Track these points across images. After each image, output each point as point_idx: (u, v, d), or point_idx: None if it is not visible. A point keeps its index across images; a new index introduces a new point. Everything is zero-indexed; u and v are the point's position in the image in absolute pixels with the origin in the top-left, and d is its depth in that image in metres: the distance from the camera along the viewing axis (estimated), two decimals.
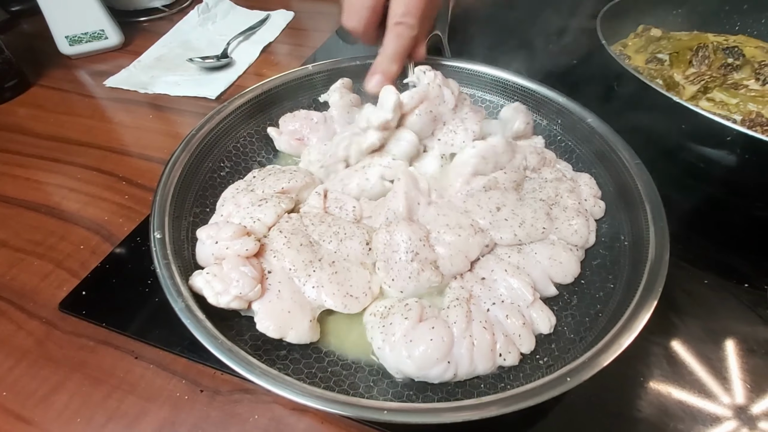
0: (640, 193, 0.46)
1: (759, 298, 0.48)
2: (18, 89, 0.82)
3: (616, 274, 0.44)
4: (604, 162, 0.53)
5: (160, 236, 0.42)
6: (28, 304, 0.49)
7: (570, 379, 0.32)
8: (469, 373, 0.37)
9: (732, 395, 0.41)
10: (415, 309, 0.39)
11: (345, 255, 0.43)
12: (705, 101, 0.69)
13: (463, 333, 0.37)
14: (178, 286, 0.38)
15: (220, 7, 1.05)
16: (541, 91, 0.60)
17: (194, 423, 0.40)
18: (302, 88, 0.64)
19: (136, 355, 0.45)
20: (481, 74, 0.64)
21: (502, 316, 0.40)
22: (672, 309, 0.48)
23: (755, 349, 0.44)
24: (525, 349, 0.39)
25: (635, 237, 0.45)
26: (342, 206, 0.49)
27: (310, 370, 0.38)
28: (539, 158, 0.54)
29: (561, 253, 0.44)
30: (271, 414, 0.40)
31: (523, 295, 0.41)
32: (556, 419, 0.40)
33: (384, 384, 0.38)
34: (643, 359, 0.44)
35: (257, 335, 0.39)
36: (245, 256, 0.40)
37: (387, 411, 0.31)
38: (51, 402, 0.41)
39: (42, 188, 0.64)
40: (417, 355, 0.36)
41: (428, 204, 0.48)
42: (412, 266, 0.41)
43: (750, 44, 0.79)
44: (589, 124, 0.55)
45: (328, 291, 0.40)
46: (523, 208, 0.47)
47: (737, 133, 0.50)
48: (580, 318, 0.42)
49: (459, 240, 0.43)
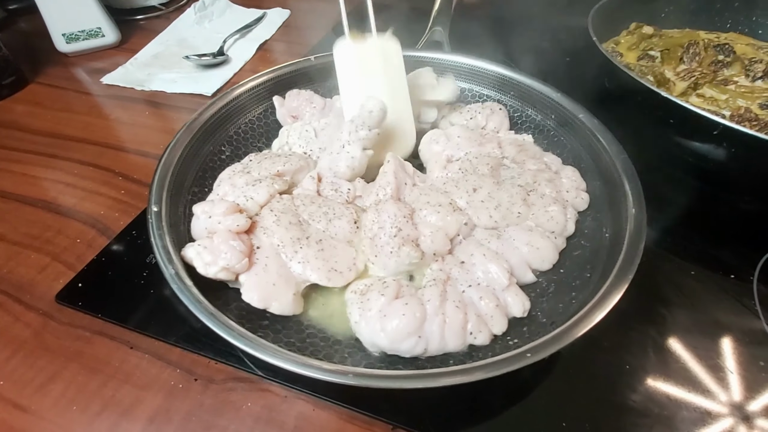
0: (624, 186, 0.47)
1: (744, 290, 0.49)
2: (15, 86, 0.82)
3: (595, 265, 0.44)
4: (592, 155, 0.54)
5: (157, 209, 0.44)
6: (26, 296, 0.50)
7: (530, 355, 0.34)
8: (440, 349, 0.38)
9: (717, 383, 0.42)
10: (392, 287, 0.40)
11: (333, 234, 0.46)
12: (695, 97, 0.70)
13: (436, 311, 0.38)
14: (170, 255, 0.41)
15: (216, 6, 1.06)
16: (535, 87, 0.61)
17: (188, 411, 0.41)
18: (309, 77, 0.66)
19: (132, 345, 0.45)
20: (478, 69, 0.66)
21: (476, 297, 0.41)
22: (659, 300, 0.49)
23: (740, 339, 0.45)
24: (497, 330, 0.40)
25: (616, 229, 0.46)
26: (337, 189, 0.51)
27: (289, 339, 0.40)
28: (518, 149, 0.55)
29: (539, 239, 0.45)
30: (264, 401, 0.41)
31: (498, 278, 0.42)
32: (543, 406, 0.41)
33: (358, 356, 0.40)
34: (629, 348, 0.44)
35: (242, 306, 0.41)
36: (236, 232, 0.42)
37: (353, 375, 0.33)
38: (48, 391, 0.42)
39: (39, 183, 0.64)
40: (389, 329, 0.37)
41: (413, 185, 0.51)
42: (394, 241, 0.43)
43: (741, 41, 0.80)
44: (580, 119, 0.56)
45: (313, 266, 0.42)
46: (499, 192, 0.49)
47: (724, 127, 0.51)
48: (554, 304, 0.43)
49: (438, 217, 0.46)
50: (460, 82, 0.65)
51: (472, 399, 0.41)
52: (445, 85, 0.61)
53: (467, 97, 0.67)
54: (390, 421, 0.39)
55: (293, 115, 0.61)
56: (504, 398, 0.41)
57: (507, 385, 0.42)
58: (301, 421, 0.40)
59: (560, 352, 0.43)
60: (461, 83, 0.66)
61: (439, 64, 0.66)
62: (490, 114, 0.60)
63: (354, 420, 0.40)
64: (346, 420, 0.40)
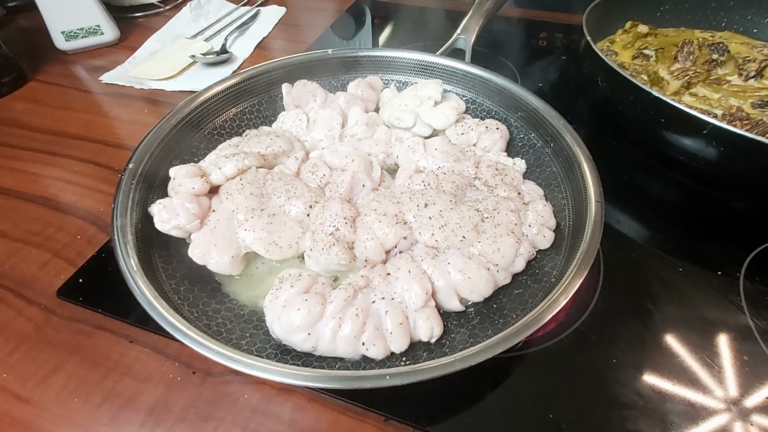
0: (586, 234, 0.43)
1: (731, 285, 0.50)
2: (15, 84, 0.83)
3: (529, 308, 0.40)
4: (575, 195, 0.49)
5: (132, 167, 0.49)
6: (27, 291, 0.51)
7: (389, 377, 0.33)
8: (330, 351, 0.39)
9: (702, 377, 0.43)
10: (304, 281, 0.41)
11: (287, 211, 0.48)
12: (688, 96, 0.71)
13: (333, 313, 0.39)
14: (130, 202, 0.46)
15: (212, 4, 1.06)
16: (540, 110, 0.57)
17: (186, 402, 0.42)
18: (322, 69, 0.68)
19: (131, 339, 0.46)
20: (488, 83, 0.63)
21: (382, 310, 0.40)
22: (646, 295, 0.50)
23: (726, 334, 0.46)
24: (395, 348, 0.39)
25: (561, 274, 0.41)
26: (314, 171, 0.53)
27: (205, 308, 0.43)
28: (494, 173, 0.52)
29: (474, 269, 0.43)
30: (260, 394, 0.42)
31: (412, 298, 0.41)
32: (531, 398, 0.42)
33: (258, 339, 0.41)
34: (617, 342, 0.46)
35: (185, 273, 0.45)
36: (195, 194, 0.47)
37: (217, 352, 0.35)
38: (49, 383, 0.43)
39: (39, 181, 0.65)
40: (283, 320, 0.39)
41: (373, 189, 0.52)
42: (328, 239, 0.44)
43: (735, 40, 0.81)
44: (574, 153, 0.51)
45: (257, 236, 0.45)
46: (451, 213, 0.47)
47: (713, 127, 0.52)
48: (467, 337, 0.41)
49: (378, 226, 0.45)
50: (470, 94, 0.65)
51: (463, 391, 0.42)
52: (443, 110, 0.59)
53: (475, 110, 0.65)
54: (383, 413, 0.41)
55: (296, 104, 0.63)
56: (494, 391, 0.42)
57: (500, 379, 0.43)
58: (296, 413, 0.41)
59: (549, 346, 0.45)
60: (471, 94, 0.65)
61: (452, 73, 0.65)
62: (484, 132, 0.57)
63: (347, 412, 0.41)
64: (340, 412, 0.41)
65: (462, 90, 0.66)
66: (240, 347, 0.39)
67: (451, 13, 1.05)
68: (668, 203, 0.62)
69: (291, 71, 0.66)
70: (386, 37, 1.01)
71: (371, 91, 0.65)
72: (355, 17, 1.07)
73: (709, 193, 0.62)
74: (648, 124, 0.61)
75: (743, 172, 0.57)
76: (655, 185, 0.65)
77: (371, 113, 0.63)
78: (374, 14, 1.08)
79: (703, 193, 0.62)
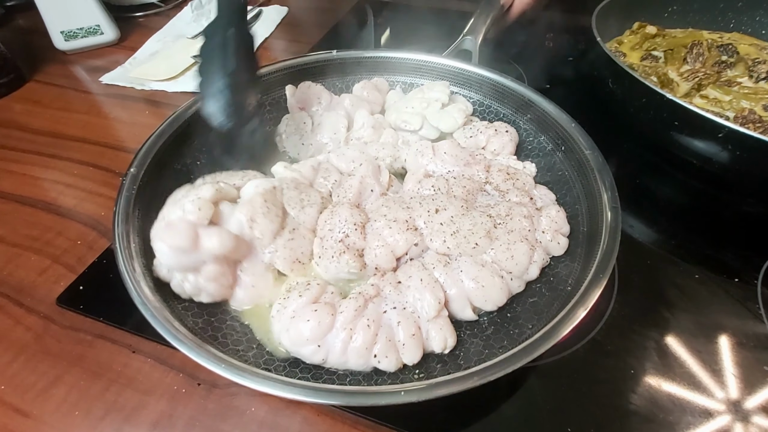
0: (603, 242, 0.42)
1: (749, 293, 0.49)
2: (14, 85, 0.82)
3: (544, 317, 0.39)
4: (589, 201, 0.48)
5: (134, 172, 0.47)
6: (26, 299, 0.50)
7: (404, 393, 0.32)
8: (341, 363, 0.38)
9: (721, 387, 0.42)
10: (313, 290, 0.40)
11: (302, 221, 0.46)
12: (699, 98, 0.70)
13: (344, 324, 0.37)
14: (132, 199, 0.45)
15: (213, 4, 1.04)
16: (550, 112, 0.55)
17: (192, 416, 0.40)
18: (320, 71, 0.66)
19: (134, 349, 0.45)
20: (497, 85, 0.62)
21: (394, 321, 0.39)
22: (663, 303, 0.48)
23: (744, 342, 0.45)
24: (407, 360, 0.38)
25: (577, 282, 0.40)
26: (326, 177, 0.51)
27: (210, 318, 0.41)
28: (506, 177, 0.51)
29: (488, 277, 0.41)
30: (268, 407, 0.41)
31: (425, 308, 0.39)
32: (548, 411, 0.41)
33: (265, 350, 0.40)
34: (634, 352, 0.44)
35: None
36: None
37: (224, 366, 0.33)
38: (49, 395, 0.42)
39: (39, 184, 0.64)
40: (292, 331, 0.38)
41: (382, 194, 0.50)
42: (338, 247, 0.43)
43: (744, 41, 0.80)
44: (586, 156, 0.49)
45: (280, 255, 0.43)
46: (463, 219, 0.45)
47: (729, 129, 0.51)
48: (482, 348, 0.40)
49: (389, 233, 0.44)
50: (477, 96, 0.64)
51: (477, 403, 0.41)
52: (451, 112, 0.58)
53: (482, 112, 0.63)
54: (395, 427, 0.39)
55: (301, 106, 0.62)
56: (507, 402, 0.41)
57: (513, 390, 0.42)
58: (305, 426, 0.40)
59: (564, 356, 0.44)
60: (479, 96, 0.64)
61: (459, 75, 0.64)
62: (493, 135, 0.56)
63: (358, 425, 0.40)
64: (351, 425, 0.40)
65: (469, 92, 0.65)
66: (247, 360, 0.37)
67: (456, 14, 1.04)
68: (681, 207, 0.61)
69: (294, 73, 0.64)
70: (390, 38, 1.00)
71: (377, 93, 0.64)
72: (358, 18, 1.06)
73: (723, 198, 0.61)
74: (660, 126, 0.59)
75: (758, 176, 0.56)
76: (667, 189, 0.64)
77: (377, 116, 0.62)
78: (378, 15, 1.06)
79: (716, 197, 0.61)
